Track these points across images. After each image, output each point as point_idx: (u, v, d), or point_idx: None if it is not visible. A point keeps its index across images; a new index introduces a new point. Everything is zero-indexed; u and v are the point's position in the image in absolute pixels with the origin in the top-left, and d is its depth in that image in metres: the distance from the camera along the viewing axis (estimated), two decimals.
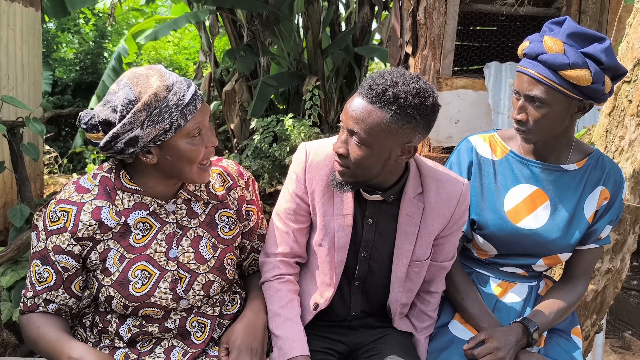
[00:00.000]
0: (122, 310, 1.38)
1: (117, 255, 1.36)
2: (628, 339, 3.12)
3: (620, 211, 1.63)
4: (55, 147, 8.14)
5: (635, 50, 1.70)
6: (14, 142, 3.09)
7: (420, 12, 3.14)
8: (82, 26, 10.01)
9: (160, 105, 1.24)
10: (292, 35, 6.89)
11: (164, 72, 1.30)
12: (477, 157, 1.65)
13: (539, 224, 1.58)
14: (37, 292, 1.37)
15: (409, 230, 1.47)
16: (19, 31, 4.21)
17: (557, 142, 1.56)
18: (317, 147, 1.49)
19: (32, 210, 2.91)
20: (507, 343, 1.47)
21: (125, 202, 1.36)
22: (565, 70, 1.39)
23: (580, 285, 1.64)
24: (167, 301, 1.39)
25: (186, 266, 1.41)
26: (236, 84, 6.75)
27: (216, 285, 1.45)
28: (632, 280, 4.18)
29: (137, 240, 1.38)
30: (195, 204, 1.44)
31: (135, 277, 1.37)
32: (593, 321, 2.04)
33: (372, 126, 1.29)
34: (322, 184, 1.47)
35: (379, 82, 1.29)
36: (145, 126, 1.24)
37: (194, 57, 10.36)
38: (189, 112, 1.26)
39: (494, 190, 1.62)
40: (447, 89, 3.12)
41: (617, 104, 1.77)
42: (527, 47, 1.48)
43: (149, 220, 1.39)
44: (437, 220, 1.48)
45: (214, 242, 1.45)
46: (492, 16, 3.32)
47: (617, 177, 1.60)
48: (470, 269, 1.71)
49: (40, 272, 1.36)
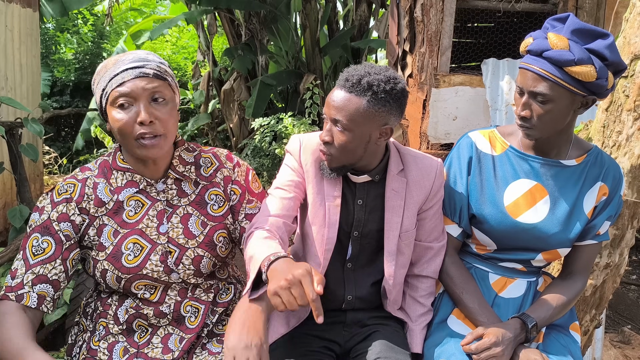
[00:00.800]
0: (115, 284, 1.44)
1: (111, 231, 1.45)
2: (627, 333, 3.12)
3: (619, 207, 1.63)
4: (55, 147, 8.14)
5: (632, 45, 1.71)
6: (13, 143, 3.09)
7: (417, 9, 3.14)
8: (81, 27, 10.00)
9: (105, 74, 1.38)
10: (290, 34, 6.89)
11: (139, 52, 1.42)
12: (477, 152, 1.66)
13: (539, 218, 1.59)
14: (30, 265, 1.38)
15: (396, 204, 1.59)
16: (17, 32, 4.21)
17: (558, 138, 1.56)
18: (308, 136, 1.65)
19: (31, 211, 2.91)
20: (505, 338, 1.47)
21: (119, 180, 1.47)
22: (570, 67, 1.40)
23: (579, 281, 1.65)
24: (158, 273, 1.45)
25: (175, 240, 1.47)
26: (235, 83, 6.76)
27: (206, 261, 1.50)
28: (631, 275, 4.19)
29: (130, 216, 1.46)
30: (185, 184, 1.52)
31: (127, 249, 1.44)
32: (592, 316, 2.05)
33: (352, 112, 1.43)
34: (314, 166, 1.60)
35: (354, 73, 1.44)
36: (96, 90, 1.41)
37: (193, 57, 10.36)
38: (115, 83, 1.35)
39: (494, 185, 1.63)
40: (444, 85, 3.12)
41: (614, 99, 1.78)
42: (532, 44, 1.48)
43: (140, 198, 1.48)
44: (420, 192, 1.62)
45: (203, 220, 1.52)
46: (489, 13, 3.33)
47: (616, 174, 1.61)
48: (469, 264, 1.72)
49: (38, 245, 1.40)
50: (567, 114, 1.48)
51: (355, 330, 1.65)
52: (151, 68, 1.38)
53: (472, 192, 1.66)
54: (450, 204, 1.68)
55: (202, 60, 8.02)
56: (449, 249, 1.69)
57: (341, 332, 1.64)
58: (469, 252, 1.73)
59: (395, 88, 1.44)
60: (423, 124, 3.22)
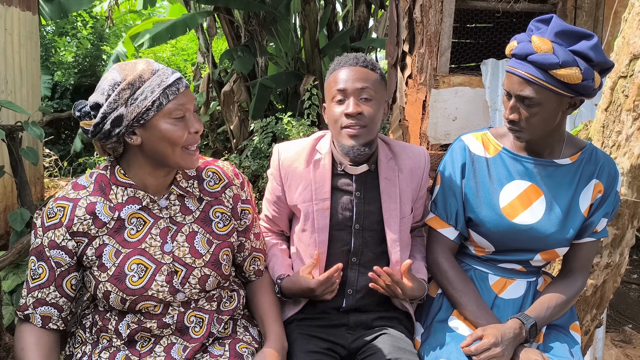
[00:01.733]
0: (119, 305, 1.40)
1: (112, 251, 1.40)
2: (629, 333, 3.12)
3: (616, 204, 1.63)
4: (55, 150, 8.15)
5: (631, 45, 1.71)
6: (13, 147, 3.09)
7: (416, 10, 3.14)
8: (80, 29, 10.01)
9: (144, 85, 1.31)
10: (290, 35, 6.89)
11: (152, 61, 1.38)
12: (470, 155, 1.66)
13: (535, 219, 1.59)
14: (30, 289, 1.42)
15: (392, 192, 1.65)
16: (17, 35, 4.21)
17: (550, 137, 1.56)
18: (287, 145, 1.71)
19: (32, 214, 2.91)
20: (504, 339, 1.47)
21: (119, 196, 1.41)
22: (555, 70, 1.40)
23: (579, 280, 1.65)
24: (164, 294, 1.41)
25: (182, 260, 1.44)
26: (234, 84, 6.76)
27: (212, 280, 1.47)
28: (632, 274, 4.19)
29: (132, 235, 1.41)
30: (188, 201, 1.48)
31: (131, 270, 1.39)
32: (593, 316, 2.05)
33: (374, 82, 1.56)
34: (296, 175, 1.66)
35: (352, 55, 1.60)
36: (129, 104, 1.30)
37: (192, 59, 10.37)
38: (171, 93, 1.32)
39: (489, 187, 1.63)
40: (444, 86, 3.12)
41: (613, 99, 1.78)
42: (516, 48, 1.48)
43: (142, 215, 1.43)
44: (414, 179, 1.70)
45: (208, 238, 1.48)
46: (488, 13, 3.33)
47: (611, 170, 1.60)
48: (468, 266, 1.72)
49: (34, 269, 1.41)
50: (555, 115, 1.48)
51: (359, 332, 1.64)
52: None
53: (467, 195, 1.65)
54: (446, 207, 1.68)
55: (202, 62, 8.02)
56: (446, 251, 1.69)
57: (345, 334, 1.64)
58: (468, 254, 1.73)
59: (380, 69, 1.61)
60: (423, 124, 3.22)
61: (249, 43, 6.80)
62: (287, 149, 1.69)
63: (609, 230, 1.85)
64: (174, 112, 1.33)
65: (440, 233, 1.70)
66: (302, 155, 1.67)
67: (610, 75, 1.78)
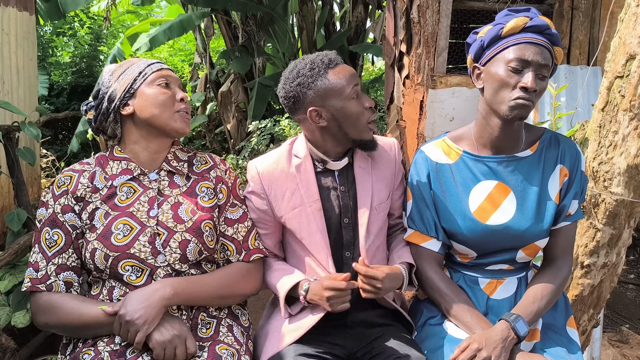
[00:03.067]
0: (103, 262, 1.48)
1: (102, 213, 1.54)
2: (626, 333, 3.12)
3: (584, 184, 1.63)
4: (52, 150, 8.13)
5: (627, 45, 1.71)
6: (10, 147, 3.08)
7: (413, 10, 3.14)
8: (78, 29, 9.99)
9: (132, 66, 1.59)
10: (287, 36, 6.89)
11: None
12: (433, 164, 1.66)
13: (508, 217, 1.59)
14: (50, 257, 1.52)
15: (364, 179, 1.69)
16: (14, 35, 4.20)
17: (513, 130, 1.56)
18: (262, 159, 1.74)
19: (29, 215, 2.91)
20: (489, 342, 1.45)
21: (114, 169, 1.59)
22: (557, 46, 1.51)
23: (563, 267, 1.63)
24: (145, 254, 1.51)
25: (164, 224, 1.55)
26: (232, 85, 6.75)
27: (192, 246, 1.54)
28: (629, 274, 4.20)
29: (122, 200, 1.56)
30: (177, 177, 1.63)
31: (117, 229, 1.51)
32: (590, 316, 2.05)
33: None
34: (279, 184, 1.68)
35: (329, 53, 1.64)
36: (120, 80, 1.57)
37: (190, 59, 10.35)
38: (155, 67, 1.60)
39: (456, 194, 1.63)
40: (441, 86, 3.13)
41: (610, 99, 1.78)
42: (532, 21, 1.51)
43: (132, 185, 1.58)
44: (386, 167, 1.74)
45: (193, 208, 1.59)
46: (485, 13, 3.33)
47: (573, 152, 1.61)
48: (458, 272, 1.71)
49: (50, 237, 1.53)
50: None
51: (359, 332, 1.64)
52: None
53: (438, 205, 1.65)
54: (423, 220, 1.67)
55: (199, 63, 8.01)
56: (433, 264, 1.67)
57: (344, 335, 1.63)
58: (455, 262, 1.73)
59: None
60: (420, 125, 3.23)
61: (247, 44, 6.79)
62: (263, 162, 1.73)
63: (606, 230, 1.85)
64: (157, 79, 1.57)
65: (423, 247, 1.68)
66: (280, 164, 1.70)
67: (606, 75, 1.79)
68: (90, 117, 1.61)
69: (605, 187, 1.80)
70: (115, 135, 1.61)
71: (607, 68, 1.80)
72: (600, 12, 3.09)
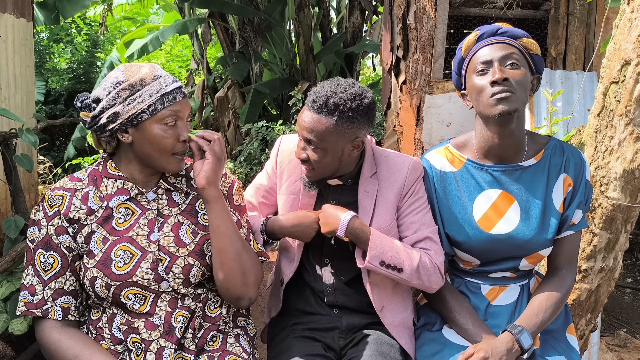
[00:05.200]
0: (104, 291, 1.42)
1: (100, 238, 1.44)
2: (623, 337, 3.13)
3: (588, 193, 1.62)
4: (50, 157, 8.13)
5: (622, 51, 1.72)
6: (7, 154, 3.08)
7: (410, 16, 3.16)
8: (75, 35, 10.00)
9: (144, 88, 1.38)
10: (284, 42, 6.91)
11: (157, 67, 1.44)
12: (437, 172, 1.66)
13: (512, 226, 1.58)
14: (46, 281, 1.42)
15: (367, 204, 1.64)
16: (11, 42, 4.21)
17: (518, 128, 1.55)
18: (289, 137, 1.75)
19: (26, 222, 2.90)
20: (495, 352, 1.44)
21: (109, 187, 1.47)
22: (523, 38, 1.52)
23: (567, 277, 1.62)
24: (149, 281, 1.43)
25: (166, 249, 1.46)
26: (229, 90, 6.76)
27: (195, 270, 1.48)
28: (626, 278, 4.21)
29: (120, 224, 1.46)
30: (175, 195, 1.54)
31: (117, 256, 1.42)
32: (588, 320, 2.05)
33: (322, 132, 1.50)
34: (290, 166, 1.71)
35: (320, 94, 1.49)
36: (126, 104, 1.38)
37: (187, 65, 10.37)
38: (168, 100, 1.39)
39: (460, 202, 1.62)
40: (438, 92, 3.14)
41: (606, 105, 1.79)
42: (482, 29, 1.57)
43: (130, 205, 1.48)
44: (391, 189, 1.64)
45: (194, 229, 1.51)
46: (481, 19, 3.35)
47: (577, 160, 1.60)
48: (460, 279, 1.71)
49: (45, 260, 1.42)
50: (528, 86, 1.51)
51: (350, 336, 1.65)
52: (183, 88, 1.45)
53: (442, 213, 1.65)
54: None
55: (196, 69, 8.03)
56: None
57: (337, 338, 1.64)
58: (457, 269, 1.73)
59: (361, 104, 1.50)
60: (417, 130, 3.24)
61: (244, 49, 6.81)
62: (287, 139, 1.74)
63: (603, 235, 1.86)
64: (167, 118, 1.40)
65: None
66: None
67: (602, 80, 1.80)
68: (84, 118, 1.45)
69: (602, 192, 1.81)
70: (110, 146, 1.48)
71: (602, 73, 1.81)
72: (595, 18, 3.11)
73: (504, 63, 1.48)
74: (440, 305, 1.64)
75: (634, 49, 1.68)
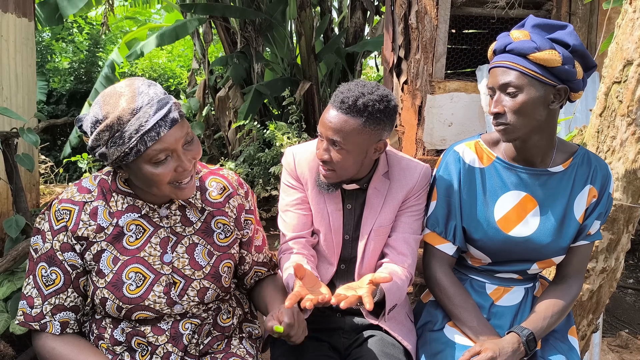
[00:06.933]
0: (115, 312, 1.38)
1: (110, 257, 1.38)
2: (625, 338, 3.12)
3: (609, 206, 1.62)
4: (51, 156, 8.12)
5: (624, 51, 1.72)
6: (9, 153, 3.08)
7: (412, 16, 3.15)
8: (76, 35, 10.01)
9: (122, 129, 1.23)
10: (286, 42, 6.91)
11: (138, 92, 1.26)
12: (465, 166, 1.63)
13: (530, 230, 1.57)
14: (46, 296, 1.37)
15: (375, 202, 1.66)
16: (13, 42, 4.21)
17: (539, 141, 1.53)
18: (301, 148, 1.73)
19: (27, 221, 2.90)
20: (502, 353, 1.44)
21: (119, 204, 1.39)
22: (533, 54, 1.41)
23: (574, 286, 1.63)
24: (161, 305, 1.39)
25: (181, 271, 1.41)
26: (230, 90, 6.75)
27: (211, 293, 1.45)
28: (628, 279, 4.20)
29: (131, 242, 1.39)
30: (189, 211, 1.45)
31: (129, 279, 1.37)
32: (589, 321, 2.05)
33: (349, 133, 1.49)
34: (312, 176, 1.68)
35: (349, 95, 1.48)
36: (109, 146, 1.25)
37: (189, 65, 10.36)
38: (150, 139, 1.23)
39: (483, 199, 1.61)
40: (440, 92, 3.13)
41: (607, 105, 1.79)
42: (495, 44, 1.52)
43: (142, 223, 1.40)
44: (401, 191, 1.66)
45: (209, 249, 1.46)
46: (483, 19, 3.35)
47: (604, 173, 1.59)
48: (465, 276, 1.70)
49: (47, 275, 1.37)
50: (539, 105, 1.44)
51: (353, 336, 1.65)
52: (175, 109, 1.27)
53: (463, 207, 1.63)
54: (445, 223, 1.65)
55: (197, 69, 8.02)
56: (444, 266, 1.66)
57: (340, 339, 1.64)
58: (464, 265, 1.72)
59: (388, 106, 1.51)
60: (419, 130, 3.23)
61: (245, 49, 6.81)
62: (300, 150, 1.72)
63: (605, 235, 1.85)
64: (155, 157, 1.25)
65: (438, 249, 1.66)
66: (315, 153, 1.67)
67: (604, 80, 1.79)
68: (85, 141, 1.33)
69: None
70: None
71: (604, 73, 1.80)
72: (597, 17, 3.11)
73: (504, 90, 1.46)
74: (446, 301, 1.63)
75: (636, 49, 1.67)
